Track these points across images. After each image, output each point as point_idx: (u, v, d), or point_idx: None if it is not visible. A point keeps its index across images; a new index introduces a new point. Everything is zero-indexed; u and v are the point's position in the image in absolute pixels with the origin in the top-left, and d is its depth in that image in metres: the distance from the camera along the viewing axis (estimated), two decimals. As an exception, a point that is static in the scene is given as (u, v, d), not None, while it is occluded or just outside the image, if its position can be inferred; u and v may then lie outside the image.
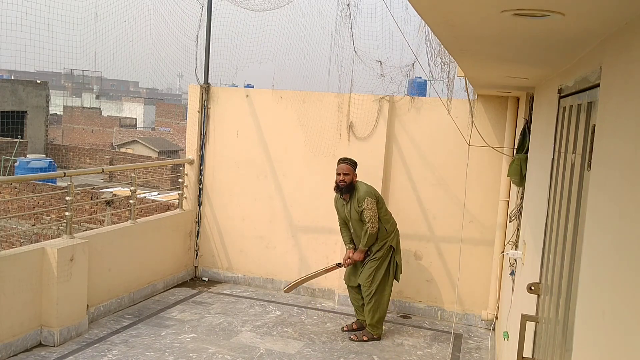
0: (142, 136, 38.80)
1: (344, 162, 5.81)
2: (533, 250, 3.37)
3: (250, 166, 7.36)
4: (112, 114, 48.93)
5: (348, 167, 5.76)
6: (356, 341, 5.82)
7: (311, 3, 7.05)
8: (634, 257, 1.21)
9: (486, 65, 3.15)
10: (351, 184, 5.75)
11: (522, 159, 4.62)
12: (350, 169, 5.76)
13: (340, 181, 5.73)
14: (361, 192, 5.73)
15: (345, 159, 5.86)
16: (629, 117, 1.37)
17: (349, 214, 5.82)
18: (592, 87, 1.94)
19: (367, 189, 5.79)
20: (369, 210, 5.67)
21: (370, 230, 5.68)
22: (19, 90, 25.98)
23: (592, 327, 1.57)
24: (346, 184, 5.72)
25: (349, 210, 5.80)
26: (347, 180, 5.72)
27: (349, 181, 5.73)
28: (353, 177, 5.78)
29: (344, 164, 5.79)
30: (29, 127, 26.31)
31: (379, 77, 6.63)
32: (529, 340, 2.86)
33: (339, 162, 5.85)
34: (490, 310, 6.43)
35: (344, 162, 5.82)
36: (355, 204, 5.73)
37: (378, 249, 5.83)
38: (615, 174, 1.47)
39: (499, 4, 1.47)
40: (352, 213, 5.77)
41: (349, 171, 5.74)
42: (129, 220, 6.56)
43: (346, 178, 5.72)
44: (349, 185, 5.73)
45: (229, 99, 7.43)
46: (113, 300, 6.12)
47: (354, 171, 5.79)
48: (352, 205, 5.77)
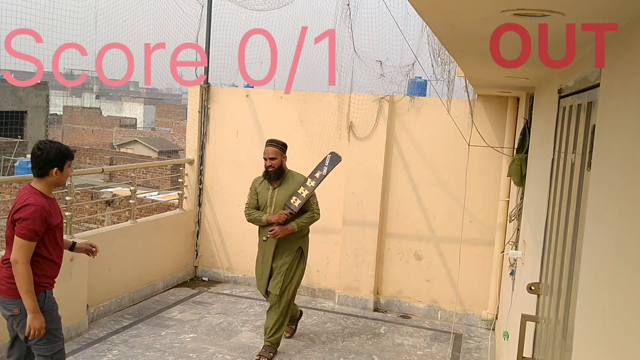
0: (142, 136, 38.83)
1: (270, 145, 5.11)
2: (533, 250, 3.37)
3: (250, 166, 7.35)
4: (112, 114, 48.96)
5: (275, 150, 5.07)
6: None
7: (311, 3, 7.05)
8: (634, 257, 1.21)
9: (486, 65, 3.15)
10: (280, 169, 5.10)
11: (522, 159, 4.62)
12: (278, 152, 5.07)
13: (269, 167, 5.08)
14: (299, 176, 5.19)
15: (272, 141, 5.15)
16: (629, 117, 1.37)
17: (273, 200, 5.11)
18: (592, 87, 1.94)
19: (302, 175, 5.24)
20: (314, 196, 5.20)
21: (316, 217, 5.22)
22: (19, 90, 25.98)
23: (592, 327, 1.57)
24: (275, 169, 5.07)
25: (275, 196, 5.11)
26: (276, 165, 5.06)
27: (278, 165, 5.07)
28: (282, 160, 5.11)
29: (271, 147, 5.09)
30: (29, 127, 26.31)
31: (379, 77, 6.64)
32: (529, 340, 2.87)
33: (266, 145, 5.16)
34: (490, 310, 6.43)
35: (270, 144, 5.12)
36: (289, 188, 5.11)
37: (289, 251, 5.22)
38: (615, 174, 1.47)
39: (499, 4, 1.47)
40: (279, 199, 5.09)
41: (277, 154, 5.06)
42: (129, 220, 6.56)
43: (274, 162, 5.05)
44: (279, 170, 5.09)
45: (229, 99, 7.43)
46: (113, 300, 6.12)
47: (282, 154, 5.12)
48: (282, 191, 5.12)
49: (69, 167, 3.57)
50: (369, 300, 6.82)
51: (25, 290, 3.33)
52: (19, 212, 3.35)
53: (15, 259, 3.32)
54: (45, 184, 3.50)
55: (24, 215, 3.32)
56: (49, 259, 3.49)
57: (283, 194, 5.08)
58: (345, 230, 6.87)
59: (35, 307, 3.36)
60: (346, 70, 6.64)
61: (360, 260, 6.83)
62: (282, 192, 5.10)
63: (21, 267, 3.31)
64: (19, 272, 3.32)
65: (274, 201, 5.09)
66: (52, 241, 3.49)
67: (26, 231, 3.32)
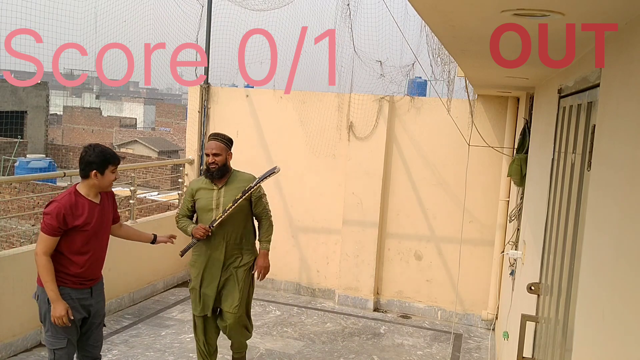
0: (142, 136, 38.81)
1: (214, 139, 4.42)
2: (533, 250, 3.37)
3: (250, 166, 7.32)
4: (112, 114, 48.94)
5: (220, 144, 4.37)
6: None
7: (311, 3, 7.06)
8: (634, 257, 1.21)
9: (486, 65, 3.15)
10: (225, 166, 4.39)
11: (522, 159, 4.63)
12: (222, 147, 4.37)
13: (211, 164, 4.34)
14: (246, 175, 4.52)
15: (216, 135, 4.47)
16: (629, 117, 1.37)
17: (219, 201, 4.38)
18: (592, 87, 1.94)
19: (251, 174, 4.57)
20: (266, 197, 4.58)
21: (271, 222, 4.56)
22: (19, 90, 25.98)
23: (592, 327, 1.57)
24: (218, 167, 4.35)
25: (222, 196, 4.38)
26: (220, 162, 4.34)
27: (222, 162, 4.36)
28: (227, 157, 4.42)
29: (215, 141, 4.39)
30: (29, 127, 26.31)
31: (379, 77, 6.64)
32: (529, 340, 2.87)
33: (209, 139, 4.49)
34: (490, 310, 6.43)
35: (214, 138, 4.43)
36: (237, 187, 4.39)
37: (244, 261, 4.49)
38: (615, 174, 1.47)
39: (499, 4, 1.47)
40: (226, 200, 4.36)
41: (221, 150, 4.36)
42: (129, 220, 6.56)
43: (218, 159, 4.33)
44: (223, 168, 4.37)
45: (229, 99, 7.43)
46: (113, 300, 6.12)
47: (228, 150, 4.43)
48: (229, 191, 4.39)
49: (112, 172, 3.66)
50: (369, 300, 6.83)
51: (44, 280, 3.50)
52: (46, 207, 3.54)
53: (35, 250, 3.52)
54: (85, 185, 3.63)
55: (47, 211, 3.51)
56: (68, 257, 3.57)
57: (231, 195, 4.36)
58: (345, 230, 6.87)
59: (55, 297, 3.49)
60: (346, 70, 6.65)
61: (360, 260, 6.84)
62: (229, 193, 4.38)
63: (39, 259, 3.50)
64: (37, 263, 3.51)
65: (220, 202, 4.36)
66: (71, 241, 3.55)
67: (45, 225, 3.48)
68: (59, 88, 40.86)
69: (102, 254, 3.81)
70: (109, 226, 3.86)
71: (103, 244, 3.79)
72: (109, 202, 3.85)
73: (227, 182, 4.42)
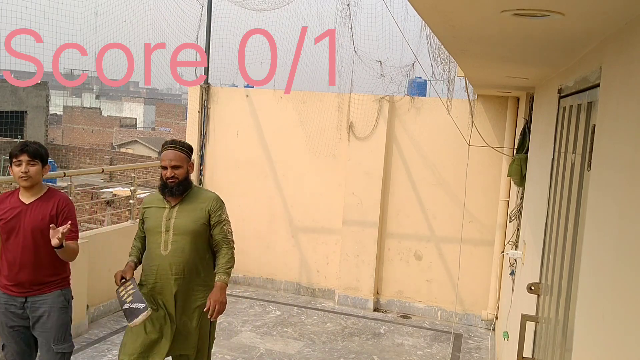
0: (142, 136, 38.83)
1: (172, 148, 3.58)
2: (533, 250, 3.37)
3: (250, 166, 7.36)
4: (112, 114, 48.94)
5: (180, 154, 3.56)
6: None
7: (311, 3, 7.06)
8: (634, 257, 1.21)
9: (486, 65, 3.15)
10: (186, 181, 3.59)
11: (522, 159, 4.63)
12: (183, 157, 3.57)
13: (170, 178, 3.51)
14: (207, 193, 3.73)
15: (174, 143, 3.63)
16: (629, 117, 1.37)
17: (170, 223, 3.54)
18: (592, 87, 1.94)
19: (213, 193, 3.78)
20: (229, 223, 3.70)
21: (233, 252, 3.67)
22: (19, 90, 25.98)
23: (591, 327, 1.57)
24: (178, 182, 3.53)
25: (174, 217, 3.55)
26: (180, 176, 3.53)
27: (183, 176, 3.55)
28: (188, 169, 3.61)
29: (173, 151, 3.56)
30: (29, 127, 26.31)
31: (379, 77, 6.64)
32: (529, 340, 2.87)
33: (166, 147, 3.61)
34: (490, 310, 6.43)
35: (172, 147, 3.58)
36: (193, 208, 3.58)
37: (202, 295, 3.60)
38: (615, 174, 1.47)
39: (499, 4, 1.47)
40: (179, 222, 3.53)
41: (182, 161, 3.55)
42: (129, 220, 6.56)
43: (177, 172, 3.52)
44: (184, 182, 3.56)
45: (229, 99, 7.43)
46: (113, 300, 6.11)
47: (189, 161, 3.63)
48: (183, 212, 3.56)
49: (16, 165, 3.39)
50: (369, 300, 6.83)
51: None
52: None
53: None
54: None
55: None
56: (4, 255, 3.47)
57: (185, 217, 3.55)
58: (345, 230, 6.88)
59: None
60: (346, 70, 6.65)
61: (360, 260, 6.84)
62: (183, 214, 3.56)
63: None
64: None
65: (171, 225, 3.53)
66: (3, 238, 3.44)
67: None
68: (59, 88, 40.85)
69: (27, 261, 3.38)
70: (36, 233, 3.37)
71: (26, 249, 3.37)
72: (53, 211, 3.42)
73: (182, 200, 3.58)
